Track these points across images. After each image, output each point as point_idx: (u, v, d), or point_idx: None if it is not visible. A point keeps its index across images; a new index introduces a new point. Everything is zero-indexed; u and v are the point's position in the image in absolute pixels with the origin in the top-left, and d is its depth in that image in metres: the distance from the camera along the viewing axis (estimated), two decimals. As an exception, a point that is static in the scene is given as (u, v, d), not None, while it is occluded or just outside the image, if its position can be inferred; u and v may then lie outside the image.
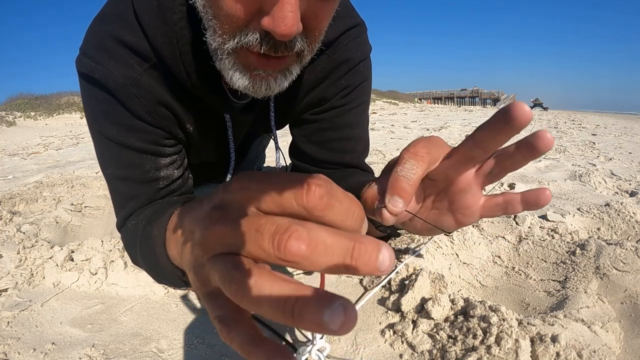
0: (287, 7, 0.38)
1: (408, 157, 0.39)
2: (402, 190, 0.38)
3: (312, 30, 0.45)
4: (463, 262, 0.78)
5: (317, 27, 0.46)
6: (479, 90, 48.39)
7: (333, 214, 0.22)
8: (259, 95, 0.51)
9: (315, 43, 0.48)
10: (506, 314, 0.53)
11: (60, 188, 1.54)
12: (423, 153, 0.39)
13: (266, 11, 0.40)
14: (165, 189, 0.64)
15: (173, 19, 0.52)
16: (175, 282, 0.50)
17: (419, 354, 0.54)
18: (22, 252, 0.88)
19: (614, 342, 0.55)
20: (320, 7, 0.43)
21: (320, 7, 0.43)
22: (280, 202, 0.22)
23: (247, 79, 0.48)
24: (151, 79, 0.57)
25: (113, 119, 0.59)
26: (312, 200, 0.22)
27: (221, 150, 0.77)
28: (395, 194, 0.38)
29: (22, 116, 9.99)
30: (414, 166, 0.38)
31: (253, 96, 0.52)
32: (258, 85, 0.49)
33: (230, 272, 0.22)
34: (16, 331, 0.64)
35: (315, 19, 0.44)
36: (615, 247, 0.73)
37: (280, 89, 0.51)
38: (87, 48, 0.57)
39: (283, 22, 0.38)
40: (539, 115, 8.12)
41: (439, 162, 0.40)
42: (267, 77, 0.48)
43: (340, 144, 0.76)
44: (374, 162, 1.92)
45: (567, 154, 2.16)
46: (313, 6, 0.42)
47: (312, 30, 0.45)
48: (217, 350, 0.58)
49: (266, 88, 0.49)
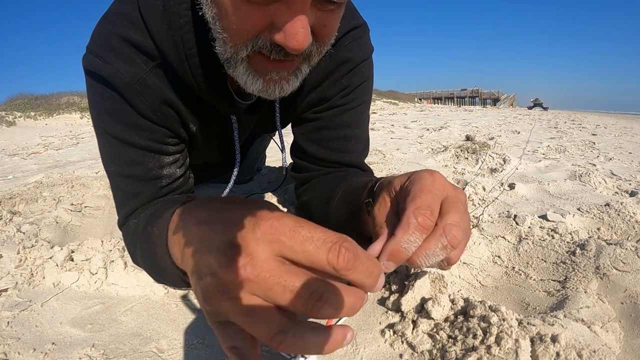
0: (298, 23, 0.40)
1: (416, 229, 0.38)
2: (399, 259, 0.39)
3: (323, 37, 0.47)
4: (463, 262, 0.78)
5: (327, 34, 0.48)
6: (479, 90, 48.40)
7: (356, 275, 0.26)
8: (272, 97, 0.52)
9: (325, 47, 0.50)
10: (506, 314, 0.53)
11: (60, 188, 1.54)
12: (430, 226, 0.39)
13: (278, 27, 0.41)
14: (167, 188, 0.64)
15: (179, 23, 0.53)
16: (176, 282, 0.51)
17: (419, 354, 0.54)
18: (22, 252, 0.88)
19: (614, 342, 0.55)
20: (328, 17, 0.45)
21: (328, 17, 0.45)
22: (312, 259, 0.26)
23: (261, 83, 0.49)
24: (157, 78, 0.58)
25: (118, 116, 0.59)
26: (341, 263, 0.26)
27: (224, 150, 0.77)
28: (392, 260, 0.39)
29: (22, 116, 9.98)
30: (417, 239, 0.38)
31: (265, 98, 0.53)
32: (272, 88, 0.50)
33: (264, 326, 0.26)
34: (16, 331, 0.64)
35: (324, 29, 0.46)
36: (615, 247, 0.73)
37: (292, 89, 0.52)
38: (94, 46, 0.58)
39: (295, 37, 0.40)
40: (539, 115, 8.11)
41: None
42: (280, 80, 0.50)
43: (339, 143, 0.76)
44: (374, 162, 1.92)
45: (567, 154, 2.15)
46: (321, 17, 0.44)
47: (323, 37, 0.47)
48: (217, 350, 0.58)
49: (280, 90, 0.51)
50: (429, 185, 0.41)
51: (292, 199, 1.23)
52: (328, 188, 0.72)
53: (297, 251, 0.26)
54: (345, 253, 0.26)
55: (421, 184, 0.41)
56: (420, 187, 0.41)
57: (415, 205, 0.39)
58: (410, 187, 0.42)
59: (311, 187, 0.79)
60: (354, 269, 0.26)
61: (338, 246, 0.26)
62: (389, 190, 0.47)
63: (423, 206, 0.39)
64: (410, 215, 0.39)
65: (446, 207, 0.40)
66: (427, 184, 0.41)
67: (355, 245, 0.27)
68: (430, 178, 0.42)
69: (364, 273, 0.27)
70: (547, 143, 2.57)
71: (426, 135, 3.27)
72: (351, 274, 0.26)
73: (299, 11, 0.40)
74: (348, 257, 0.26)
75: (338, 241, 0.26)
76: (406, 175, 0.46)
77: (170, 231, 0.43)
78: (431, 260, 0.39)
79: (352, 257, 0.26)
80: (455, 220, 0.39)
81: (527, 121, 5.40)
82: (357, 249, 0.27)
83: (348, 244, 0.26)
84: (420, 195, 0.40)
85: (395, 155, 2.12)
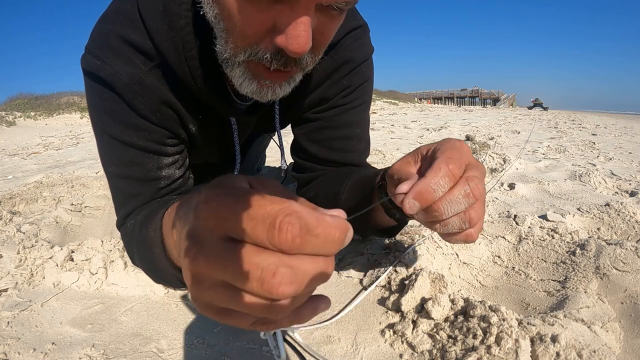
0: (300, 26, 0.40)
1: (445, 174, 0.40)
2: (425, 200, 0.40)
3: (319, 45, 0.48)
4: (463, 262, 0.78)
5: (323, 42, 0.48)
6: (479, 90, 48.37)
7: (310, 248, 0.23)
8: (264, 100, 0.53)
9: (318, 56, 0.50)
10: (506, 314, 0.53)
11: (60, 188, 1.54)
12: (458, 175, 0.41)
13: (280, 30, 0.41)
14: (166, 188, 0.64)
15: (179, 24, 0.53)
16: (174, 282, 0.50)
17: (419, 354, 0.54)
18: (22, 252, 0.88)
19: (614, 342, 0.55)
20: (328, 24, 0.45)
21: (328, 23, 0.45)
22: (254, 240, 0.23)
23: (256, 86, 0.50)
24: (155, 79, 0.58)
25: (117, 117, 0.59)
26: (284, 242, 0.22)
27: (223, 150, 0.77)
28: (417, 199, 0.40)
29: (22, 116, 9.97)
30: (446, 184, 0.40)
31: (258, 100, 0.54)
32: (265, 92, 0.51)
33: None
34: (16, 331, 0.64)
35: (322, 36, 0.46)
36: (615, 247, 0.73)
37: (284, 94, 0.53)
38: (93, 47, 0.58)
39: (296, 40, 0.40)
40: (539, 115, 8.11)
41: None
42: (274, 85, 0.51)
43: (341, 142, 0.76)
44: (374, 162, 1.92)
45: (567, 154, 2.16)
46: (321, 24, 0.44)
47: (318, 46, 0.48)
48: (217, 350, 0.58)
49: (272, 94, 0.52)
50: (458, 147, 0.44)
51: (292, 199, 1.23)
52: (335, 182, 0.72)
53: (242, 232, 0.23)
54: (288, 229, 0.22)
55: (451, 145, 0.44)
56: (451, 146, 0.44)
57: (447, 155, 0.42)
58: (439, 147, 0.45)
59: (315, 185, 0.79)
60: (305, 244, 0.22)
61: (279, 222, 0.22)
62: (415, 154, 0.49)
63: (454, 157, 0.41)
64: (442, 161, 0.41)
65: (468, 169, 0.43)
66: (456, 146, 0.44)
67: (301, 213, 0.22)
68: (459, 143, 0.45)
69: (321, 243, 0.23)
70: (547, 143, 2.57)
71: (426, 135, 3.27)
72: (303, 251, 0.22)
73: (302, 14, 0.40)
74: (293, 233, 0.22)
75: (279, 215, 0.22)
76: (432, 144, 0.48)
77: (166, 228, 0.43)
78: (453, 208, 0.41)
79: (297, 233, 0.22)
80: (476, 174, 0.42)
81: (527, 121, 5.40)
82: (304, 218, 0.22)
83: (291, 217, 0.22)
84: (451, 150, 0.43)
85: (396, 155, 2.12)
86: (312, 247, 0.23)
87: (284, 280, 0.22)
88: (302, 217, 0.22)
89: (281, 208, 0.22)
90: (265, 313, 0.24)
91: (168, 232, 0.42)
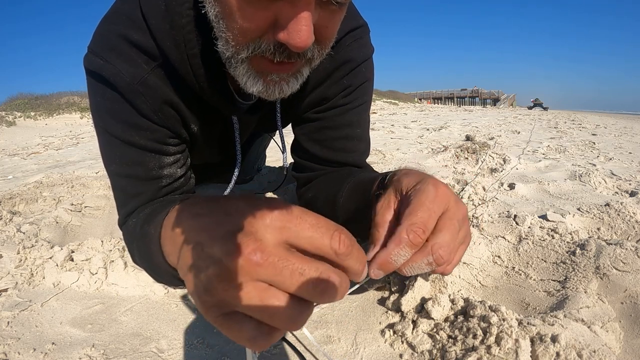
0: (302, 21, 0.41)
1: (406, 244, 0.41)
2: (387, 269, 0.42)
3: (324, 39, 0.48)
4: (463, 262, 0.78)
5: (327, 36, 0.48)
6: (479, 90, 48.36)
7: (352, 260, 0.29)
8: (272, 98, 0.53)
9: (325, 49, 0.50)
10: (506, 314, 0.53)
11: (60, 188, 1.54)
12: (420, 242, 0.42)
13: (281, 25, 0.42)
14: (167, 188, 0.65)
15: (181, 23, 0.53)
16: (171, 280, 0.51)
17: (419, 354, 0.54)
18: (22, 252, 0.88)
19: (614, 342, 0.55)
20: (330, 18, 0.46)
21: (330, 18, 0.46)
22: (317, 245, 0.28)
23: (261, 84, 0.50)
24: (158, 78, 0.58)
25: (119, 116, 0.59)
26: (342, 248, 0.28)
27: (224, 150, 0.77)
28: (380, 268, 0.42)
29: (22, 116, 9.97)
30: (407, 253, 0.42)
31: (265, 99, 0.54)
32: (272, 89, 0.51)
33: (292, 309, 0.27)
34: (16, 331, 0.64)
35: (325, 30, 0.46)
36: (615, 247, 0.73)
37: (292, 90, 0.53)
38: (96, 46, 0.58)
39: (298, 35, 0.41)
40: (539, 115, 8.11)
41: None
42: (280, 81, 0.50)
43: (342, 142, 0.76)
44: (374, 162, 1.92)
45: (567, 154, 2.15)
46: (323, 18, 0.44)
47: (324, 40, 0.48)
48: (217, 350, 0.58)
49: (279, 92, 0.51)
50: (430, 200, 0.43)
51: (293, 199, 1.23)
52: (334, 184, 0.72)
53: (303, 237, 0.28)
54: (344, 239, 0.29)
55: (423, 198, 0.43)
56: (421, 201, 0.43)
57: (410, 221, 0.42)
58: (412, 198, 0.44)
59: (315, 185, 0.79)
60: (351, 255, 0.29)
61: (339, 233, 0.29)
62: (396, 189, 0.48)
63: (418, 223, 0.42)
64: (404, 230, 0.42)
65: (441, 224, 0.43)
66: (429, 198, 0.43)
67: (350, 234, 0.30)
68: (434, 192, 0.44)
69: (358, 260, 0.30)
70: (547, 143, 2.57)
71: (426, 135, 3.27)
72: (348, 259, 0.29)
73: (302, 9, 0.40)
74: (347, 243, 0.29)
75: (338, 229, 0.29)
76: (414, 179, 0.47)
77: (165, 228, 0.43)
78: (416, 272, 0.43)
79: (349, 244, 0.29)
80: (445, 240, 0.42)
81: (527, 121, 5.40)
82: (353, 237, 0.30)
83: (346, 232, 0.29)
84: (418, 209, 0.42)
85: (396, 155, 2.12)
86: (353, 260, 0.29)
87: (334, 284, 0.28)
88: (351, 235, 0.30)
89: (338, 225, 0.30)
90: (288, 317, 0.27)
91: (168, 232, 0.42)
